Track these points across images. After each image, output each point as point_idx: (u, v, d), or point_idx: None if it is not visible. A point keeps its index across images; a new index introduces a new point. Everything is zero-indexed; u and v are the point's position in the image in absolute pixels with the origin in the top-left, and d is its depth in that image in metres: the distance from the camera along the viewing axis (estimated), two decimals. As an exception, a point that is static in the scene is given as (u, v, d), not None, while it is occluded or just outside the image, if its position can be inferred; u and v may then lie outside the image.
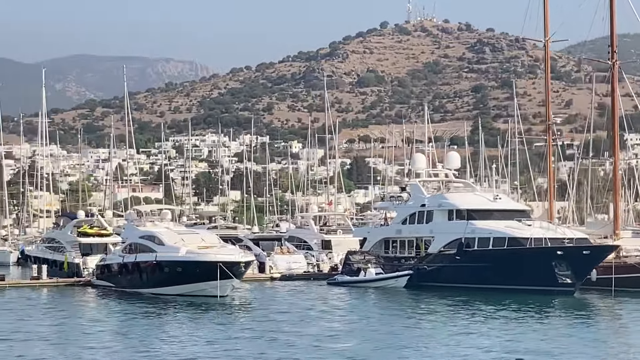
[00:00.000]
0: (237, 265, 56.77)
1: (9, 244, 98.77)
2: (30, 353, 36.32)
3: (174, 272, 58.01)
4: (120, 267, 62.09)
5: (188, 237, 60.61)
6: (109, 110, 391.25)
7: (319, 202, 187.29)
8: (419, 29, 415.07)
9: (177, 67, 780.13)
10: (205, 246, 58.82)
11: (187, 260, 57.29)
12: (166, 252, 58.82)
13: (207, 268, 56.21)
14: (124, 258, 62.00)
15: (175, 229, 63.10)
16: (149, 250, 60.22)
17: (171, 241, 59.62)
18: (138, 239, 61.91)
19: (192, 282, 57.27)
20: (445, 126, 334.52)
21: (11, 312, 51.43)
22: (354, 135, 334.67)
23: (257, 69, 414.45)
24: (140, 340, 39.54)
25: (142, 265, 60.41)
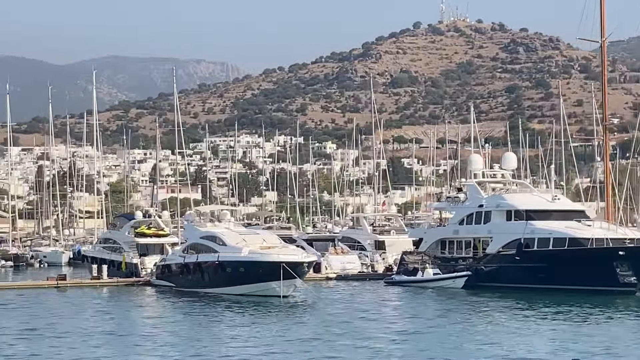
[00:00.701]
0: (300, 266, 57.31)
1: (61, 245, 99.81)
2: (90, 351, 36.95)
3: (237, 272, 58.60)
4: (182, 267, 62.78)
5: (249, 237, 61.20)
6: (143, 111, 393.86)
7: (358, 202, 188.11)
8: (452, 29, 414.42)
9: (209, 68, 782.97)
10: (267, 246, 59.39)
11: (250, 261, 57.86)
12: (228, 253, 59.43)
13: (271, 268, 56.73)
14: (185, 258, 62.69)
15: (235, 229, 63.73)
16: (210, 250, 60.87)
17: (233, 241, 60.23)
18: (199, 239, 62.59)
19: (255, 282, 57.82)
20: (479, 127, 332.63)
21: (77, 310, 52.40)
22: (388, 135, 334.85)
23: (290, 70, 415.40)
24: (202, 339, 40.02)
25: (203, 266, 61.08)
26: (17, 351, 36.66)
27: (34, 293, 62.52)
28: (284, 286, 56.42)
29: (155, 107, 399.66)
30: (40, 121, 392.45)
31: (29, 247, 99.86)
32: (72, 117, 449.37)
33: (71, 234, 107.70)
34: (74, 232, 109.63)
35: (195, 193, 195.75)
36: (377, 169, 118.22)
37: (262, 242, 60.15)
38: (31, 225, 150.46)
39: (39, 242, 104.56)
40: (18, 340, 39.87)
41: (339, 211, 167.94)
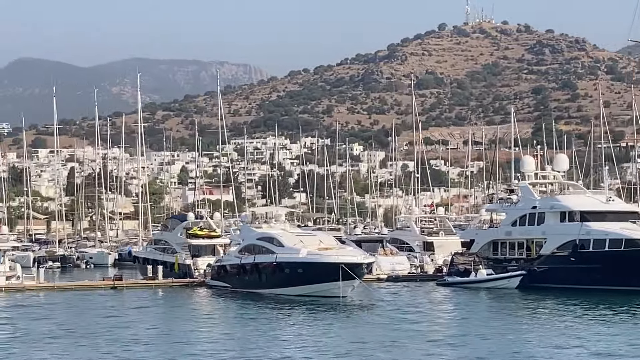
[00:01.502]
0: (359, 267, 57.83)
1: (106, 246, 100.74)
2: (149, 350, 37.89)
3: (295, 273, 59.15)
4: (238, 268, 63.36)
5: (306, 238, 61.77)
6: (169, 113, 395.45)
7: (388, 204, 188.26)
8: (478, 31, 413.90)
9: (232, 70, 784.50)
10: (325, 247, 59.94)
11: (309, 262, 58.40)
12: (286, 254, 59.98)
13: (330, 269, 57.26)
14: (242, 259, 63.28)
15: (292, 230, 64.31)
16: (267, 251, 61.45)
17: (290, 243, 60.79)
18: (256, 240, 63.19)
19: (313, 283, 58.34)
20: (506, 128, 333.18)
21: (135, 311, 53.25)
22: (414, 137, 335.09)
23: (315, 72, 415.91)
24: (260, 339, 40.84)
25: (260, 266, 61.66)
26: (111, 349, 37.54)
27: (92, 293, 63.46)
28: (343, 287, 56.97)
29: (181, 109, 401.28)
30: (67, 123, 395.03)
31: (75, 248, 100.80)
32: (100, 119, 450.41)
33: (115, 236, 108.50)
34: (116, 233, 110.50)
35: (227, 195, 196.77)
36: (416, 170, 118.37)
37: (320, 243, 60.71)
38: (66, 226, 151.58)
39: (84, 244, 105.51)
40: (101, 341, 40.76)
41: (371, 213, 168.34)
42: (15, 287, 63.96)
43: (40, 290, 64.26)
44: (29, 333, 43.10)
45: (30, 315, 50.93)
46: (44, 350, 38.06)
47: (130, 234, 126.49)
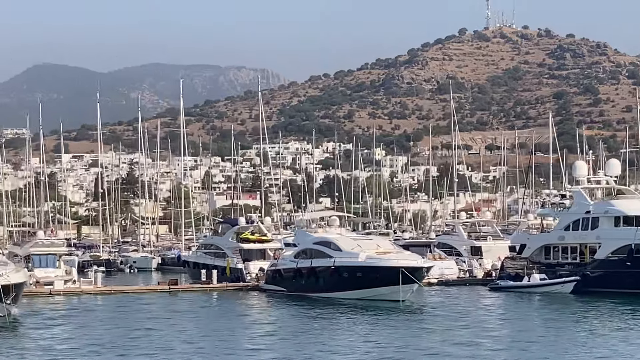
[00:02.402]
0: (419, 270, 58.34)
1: (149, 250, 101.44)
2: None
3: (354, 276, 59.67)
4: (295, 272, 63.86)
5: (364, 242, 62.32)
6: (190, 118, 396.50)
7: (415, 208, 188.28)
8: (498, 35, 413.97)
9: (249, 75, 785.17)
10: (383, 252, 60.46)
11: (369, 266, 58.91)
12: (344, 258, 60.50)
13: (390, 273, 57.76)
14: (298, 263, 63.82)
15: (348, 234, 64.81)
16: (325, 255, 61.97)
17: (348, 247, 61.33)
18: (312, 244, 63.76)
19: (372, 287, 58.84)
20: (527, 132, 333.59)
21: (195, 314, 53.95)
22: (436, 142, 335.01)
23: (336, 77, 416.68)
24: (321, 339, 41.67)
25: (317, 270, 62.18)
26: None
27: (149, 297, 64.11)
28: (403, 291, 57.46)
29: (202, 114, 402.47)
30: (89, 128, 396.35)
31: (118, 252, 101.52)
32: (121, 124, 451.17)
33: (156, 240, 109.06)
34: (157, 238, 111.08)
35: (254, 199, 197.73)
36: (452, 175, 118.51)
37: (377, 248, 61.25)
38: (96, 231, 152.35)
39: (125, 248, 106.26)
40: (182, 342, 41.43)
41: (398, 217, 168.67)
42: (74, 290, 64.66)
43: (97, 294, 64.94)
44: (121, 337, 43.77)
45: (110, 319, 51.71)
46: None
47: (163, 238, 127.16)
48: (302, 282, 63.29)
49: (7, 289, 48.58)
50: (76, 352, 39.45)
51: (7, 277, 48.96)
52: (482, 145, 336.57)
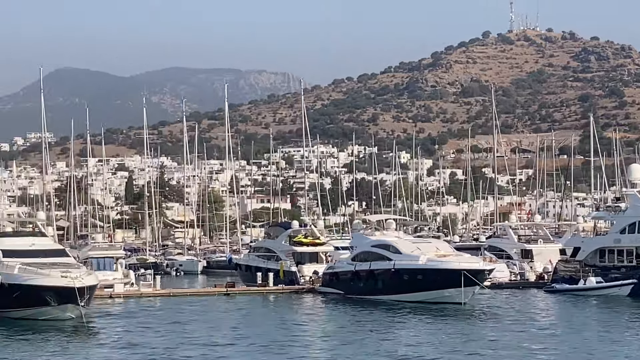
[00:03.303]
0: (481, 273, 58.73)
1: (195, 253, 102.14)
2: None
3: (414, 279, 60.08)
4: (352, 275, 64.29)
5: (423, 245, 62.74)
6: (214, 122, 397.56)
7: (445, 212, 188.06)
8: (522, 38, 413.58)
9: (270, 79, 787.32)
10: (443, 254, 60.86)
11: (430, 268, 59.31)
12: (404, 260, 60.91)
13: (451, 275, 58.17)
14: (356, 266, 64.26)
15: (406, 237, 65.21)
16: (384, 258, 62.40)
17: (408, 250, 61.74)
18: (370, 247, 64.18)
19: (433, 290, 59.23)
20: (553, 135, 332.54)
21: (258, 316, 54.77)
22: (461, 145, 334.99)
23: (359, 80, 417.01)
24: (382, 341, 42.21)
25: (376, 273, 62.60)
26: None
27: (208, 299, 64.76)
28: (465, 293, 57.86)
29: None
30: (114, 132, 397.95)
31: (163, 255, 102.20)
32: (147, 128, 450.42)
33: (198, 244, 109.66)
34: (199, 241, 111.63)
35: (285, 203, 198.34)
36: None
37: (436, 250, 61.64)
38: (129, 235, 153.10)
39: (170, 251, 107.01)
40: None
41: (434, 219, 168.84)
42: (133, 293, 65.30)
43: (157, 296, 65.59)
44: (197, 337, 44.47)
45: (179, 320, 52.36)
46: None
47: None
48: (360, 285, 63.70)
49: (82, 291, 49.35)
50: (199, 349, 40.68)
51: (81, 279, 49.70)
52: (507, 148, 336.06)
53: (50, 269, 50.73)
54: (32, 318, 50.59)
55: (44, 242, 56.93)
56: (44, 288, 49.79)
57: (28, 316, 50.88)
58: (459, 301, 57.70)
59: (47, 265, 51.77)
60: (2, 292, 51.37)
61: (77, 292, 48.99)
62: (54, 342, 44.04)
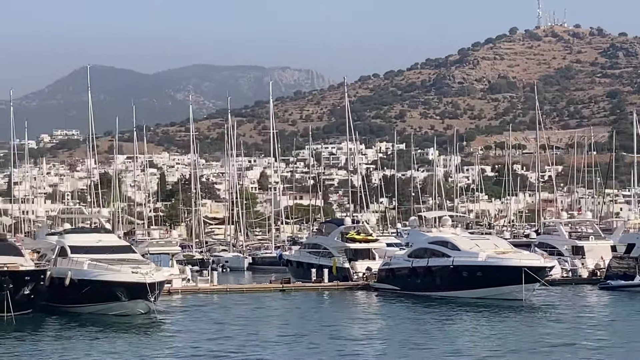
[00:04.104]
0: (542, 270, 58.88)
1: (239, 250, 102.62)
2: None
3: (474, 276, 60.25)
4: (409, 271, 64.53)
5: (481, 242, 62.91)
6: (242, 119, 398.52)
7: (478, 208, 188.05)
8: (550, 34, 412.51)
9: (294, 76, 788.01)
10: (502, 251, 61.04)
11: (490, 265, 59.47)
12: (463, 257, 61.09)
13: (512, 272, 58.32)
14: (413, 262, 64.51)
15: (463, 234, 65.41)
16: (442, 255, 62.61)
17: (466, 246, 61.94)
18: (428, 244, 64.44)
19: (493, 286, 59.34)
20: (581, 132, 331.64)
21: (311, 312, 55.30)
22: (489, 141, 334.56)
23: (386, 77, 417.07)
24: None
25: (434, 269, 62.82)
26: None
27: (264, 295, 65.24)
28: (526, 290, 58.03)
29: (253, 114, 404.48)
30: (142, 129, 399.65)
31: (209, 252, 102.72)
32: (173, 125, 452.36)
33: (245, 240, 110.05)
34: (244, 238, 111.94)
35: (317, 200, 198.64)
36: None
37: (495, 247, 61.82)
38: (163, 232, 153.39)
39: (215, 248, 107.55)
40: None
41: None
42: (191, 289, 65.83)
43: (214, 292, 66.12)
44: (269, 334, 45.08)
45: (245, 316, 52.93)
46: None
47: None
48: (417, 281, 63.92)
49: (153, 286, 49.94)
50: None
51: (152, 275, 50.26)
52: (535, 144, 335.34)
53: (120, 265, 51.31)
54: (101, 313, 51.18)
55: (110, 238, 57.57)
56: (115, 284, 50.40)
57: (97, 311, 51.47)
58: (519, 298, 57.85)
59: (115, 261, 52.36)
60: (72, 288, 52.02)
61: (148, 288, 49.56)
62: (128, 336, 44.58)
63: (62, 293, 52.51)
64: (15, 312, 48.80)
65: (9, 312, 48.53)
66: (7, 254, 52.49)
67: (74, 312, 52.08)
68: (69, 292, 52.22)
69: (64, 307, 52.67)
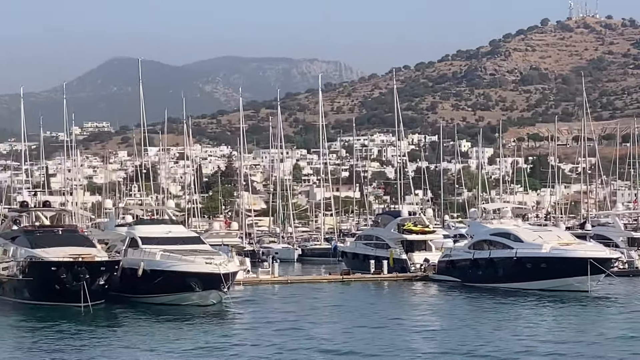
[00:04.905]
0: (608, 261, 58.94)
1: (289, 242, 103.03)
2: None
3: (537, 267, 60.35)
4: (471, 263, 64.69)
5: (544, 234, 62.98)
6: (273, 111, 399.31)
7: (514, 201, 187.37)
8: (581, 26, 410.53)
9: (322, 68, 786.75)
10: (565, 242, 61.10)
11: (555, 257, 59.53)
12: (527, 249, 61.18)
13: (577, 264, 58.39)
14: (474, 254, 64.68)
15: (525, 226, 65.50)
16: (504, 246, 62.73)
17: (529, 238, 62.03)
18: (489, 235, 64.56)
19: (557, 278, 59.41)
20: (614, 123, 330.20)
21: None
22: (522, 133, 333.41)
23: (417, 68, 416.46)
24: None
25: (496, 261, 62.95)
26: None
27: (323, 286, 65.62)
28: (591, 281, 58.12)
29: (284, 106, 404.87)
30: (173, 121, 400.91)
31: (258, 243, 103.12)
32: (204, 117, 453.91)
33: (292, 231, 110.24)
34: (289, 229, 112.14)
35: (354, 192, 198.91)
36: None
37: (558, 238, 61.87)
38: (203, 224, 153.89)
39: (263, 239, 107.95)
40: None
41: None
42: (253, 280, 66.26)
43: (275, 283, 66.57)
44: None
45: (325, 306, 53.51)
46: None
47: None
48: (479, 273, 64.07)
49: (227, 277, 50.38)
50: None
51: (225, 266, 50.69)
52: (568, 136, 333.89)
53: (194, 256, 51.72)
54: (173, 304, 51.57)
55: (179, 229, 58.04)
56: (190, 274, 50.81)
57: (169, 302, 51.87)
58: (584, 289, 57.93)
59: (187, 252, 52.77)
60: (144, 278, 52.45)
61: (222, 278, 49.98)
62: (204, 326, 44.86)
63: (134, 283, 52.96)
64: (90, 303, 49.32)
65: (85, 302, 49.07)
66: (81, 245, 53.09)
67: (146, 303, 52.49)
68: (140, 283, 52.66)
69: (135, 298, 53.13)
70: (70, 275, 49.66)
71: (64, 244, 52.51)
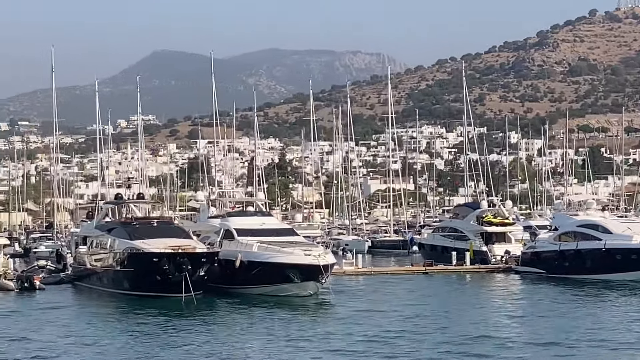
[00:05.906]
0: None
1: (359, 233, 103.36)
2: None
3: (627, 259, 60.24)
4: (557, 254, 64.57)
5: (633, 225, 62.78)
6: (320, 103, 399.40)
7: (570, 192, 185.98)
8: (630, 16, 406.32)
9: (365, 60, 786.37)
10: (655, 234, 60.87)
11: (647, 248, 59.38)
12: (616, 240, 61.04)
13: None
14: (560, 245, 64.55)
15: (612, 217, 65.32)
16: (592, 238, 62.58)
17: (618, 229, 61.93)
18: (576, 227, 64.41)
19: (647, 269, 59.34)
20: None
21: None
22: (572, 125, 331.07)
23: (463, 60, 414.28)
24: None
25: (584, 252, 62.81)
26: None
27: (408, 277, 65.82)
28: None
29: (331, 99, 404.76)
30: (221, 114, 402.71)
31: (327, 235, 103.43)
32: (251, 109, 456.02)
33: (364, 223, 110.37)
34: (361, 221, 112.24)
35: (408, 184, 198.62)
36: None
37: (647, 230, 61.63)
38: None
39: (332, 231, 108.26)
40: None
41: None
42: (337, 271, 66.44)
43: (358, 274, 66.88)
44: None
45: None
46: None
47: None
48: (566, 265, 63.91)
49: (326, 268, 50.74)
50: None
51: (324, 257, 51.02)
52: (618, 128, 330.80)
53: (292, 247, 52.07)
54: (271, 295, 51.95)
55: (272, 221, 58.48)
56: (289, 265, 51.18)
57: (267, 293, 52.27)
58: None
59: (284, 244, 53.15)
60: (241, 270, 52.90)
61: (321, 270, 50.32)
62: (306, 317, 45.15)
63: (230, 274, 53.43)
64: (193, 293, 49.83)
65: (187, 293, 49.60)
66: (178, 236, 53.66)
67: (243, 293, 52.92)
68: (238, 274, 53.10)
69: (232, 289, 53.59)
70: (172, 266, 50.21)
71: (163, 235, 53.10)
